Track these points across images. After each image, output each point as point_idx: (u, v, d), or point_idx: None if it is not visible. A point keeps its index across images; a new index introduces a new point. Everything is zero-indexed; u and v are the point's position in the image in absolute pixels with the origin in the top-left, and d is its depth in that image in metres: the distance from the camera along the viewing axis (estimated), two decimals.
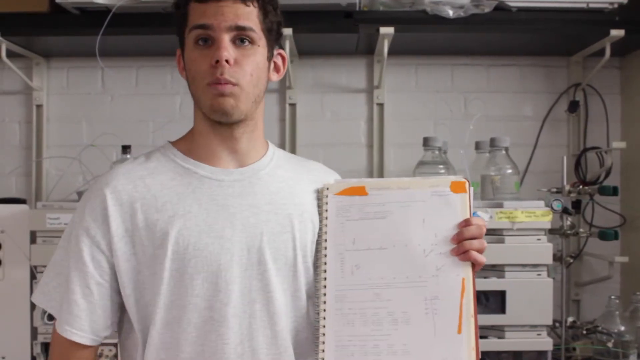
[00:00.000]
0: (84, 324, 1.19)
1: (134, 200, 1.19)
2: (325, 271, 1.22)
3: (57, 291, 1.22)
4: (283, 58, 1.30)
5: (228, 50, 1.16)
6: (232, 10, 1.17)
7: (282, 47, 1.31)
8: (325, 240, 1.24)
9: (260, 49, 1.20)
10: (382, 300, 1.17)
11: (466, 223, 1.18)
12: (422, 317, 1.15)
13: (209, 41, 1.18)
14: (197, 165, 1.24)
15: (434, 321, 1.14)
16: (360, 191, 1.25)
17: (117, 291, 1.21)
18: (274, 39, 1.25)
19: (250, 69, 1.19)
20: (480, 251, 1.18)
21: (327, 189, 1.27)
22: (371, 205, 1.23)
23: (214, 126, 1.22)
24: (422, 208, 1.21)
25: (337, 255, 1.22)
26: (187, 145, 1.27)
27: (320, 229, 1.26)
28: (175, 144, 1.29)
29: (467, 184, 1.21)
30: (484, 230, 1.19)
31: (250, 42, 1.19)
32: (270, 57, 1.24)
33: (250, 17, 1.19)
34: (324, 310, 1.19)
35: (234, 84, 1.18)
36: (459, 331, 1.13)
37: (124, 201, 1.19)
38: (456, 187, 1.21)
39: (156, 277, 1.17)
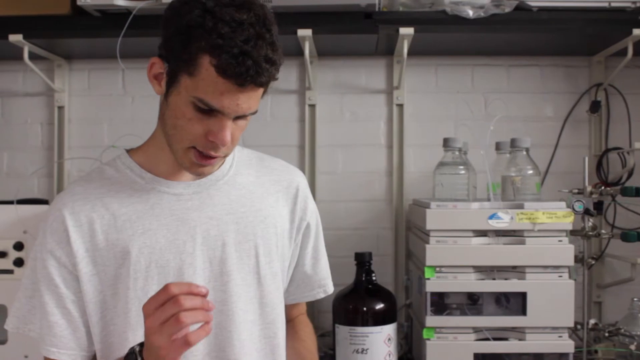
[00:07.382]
0: (69, 342, 1.18)
1: (93, 221, 1.17)
2: None
3: (32, 314, 1.20)
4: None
5: (230, 132, 1.11)
6: (249, 98, 1.09)
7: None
8: None
9: None
10: None
11: None
12: None
13: (210, 111, 1.09)
14: (154, 180, 1.22)
15: None
16: None
17: None
18: None
19: (239, 134, 1.16)
20: None
21: None
22: None
23: None
24: None
25: None
26: (146, 157, 1.24)
27: None
28: (133, 154, 1.26)
29: None
30: None
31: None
32: None
33: (259, 97, 1.12)
34: None
35: (222, 157, 1.17)
36: None
37: (83, 222, 1.17)
38: None
39: (120, 296, 1.16)
